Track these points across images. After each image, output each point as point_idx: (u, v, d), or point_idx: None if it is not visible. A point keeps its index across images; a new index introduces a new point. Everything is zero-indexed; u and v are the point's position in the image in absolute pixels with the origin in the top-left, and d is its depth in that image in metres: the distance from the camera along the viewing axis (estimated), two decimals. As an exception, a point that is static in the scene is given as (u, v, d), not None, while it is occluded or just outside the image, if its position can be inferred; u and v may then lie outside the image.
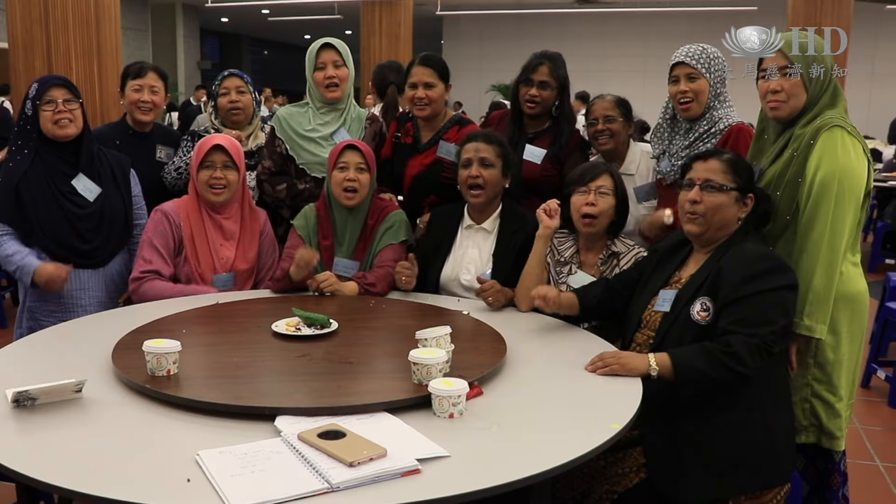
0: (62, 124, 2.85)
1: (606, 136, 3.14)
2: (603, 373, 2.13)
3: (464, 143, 2.98)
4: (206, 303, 2.72)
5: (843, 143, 2.32)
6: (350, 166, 2.96)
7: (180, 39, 19.10)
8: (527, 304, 2.71)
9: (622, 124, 3.15)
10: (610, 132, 3.14)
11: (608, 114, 3.14)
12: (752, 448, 2.17)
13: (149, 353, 1.97)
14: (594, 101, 3.22)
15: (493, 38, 18.46)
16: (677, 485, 2.13)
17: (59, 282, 2.81)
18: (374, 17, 12.35)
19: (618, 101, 3.19)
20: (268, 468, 1.56)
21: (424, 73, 3.21)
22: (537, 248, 2.75)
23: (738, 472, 2.16)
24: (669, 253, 2.47)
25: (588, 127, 3.22)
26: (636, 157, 3.20)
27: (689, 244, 2.43)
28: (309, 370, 2.10)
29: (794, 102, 2.42)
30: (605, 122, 3.14)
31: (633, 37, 17.62)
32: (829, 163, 2.30)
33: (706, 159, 2.36)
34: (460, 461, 1.63)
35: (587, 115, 3.24)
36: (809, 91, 2.40)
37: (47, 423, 1.77)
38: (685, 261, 2.43)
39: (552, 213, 2.74)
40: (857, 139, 2.36)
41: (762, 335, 2.10)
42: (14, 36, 4.89)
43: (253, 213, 3.08)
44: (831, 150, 2.31)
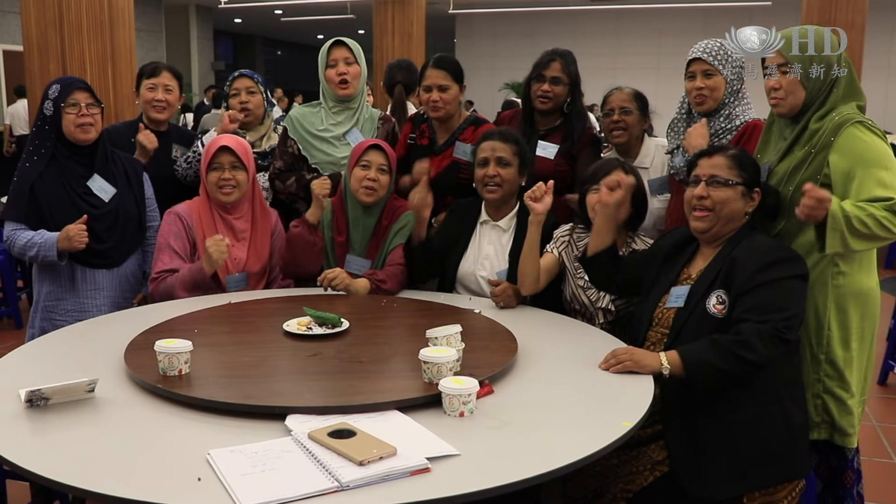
0: (85, 129, 2.88)
1: (621, 128, 3.15)
2: (616, 370, 2.12)
3: (480, 141, 2.98)
4: (218, 303, 2.73)
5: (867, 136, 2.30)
6: (372, 166, 2.97)
7: (194, 40, 19.17)
8: (526, 289, 2.74)
9: (637, 117, 3.16)
10: (625, 124, 3.15)
11: (625, 105, 3.15)
12: (772, 442, 2.16)
13: (161, 353, 1.98)
14: (611, 93, 3.22)
15: (506, 37, 18.42)
16: (700, 481, 2.12)
17: (82, 234, 2.80)
18: (387, 16, 12.35)
19: (635, 94, 3.20)
20: (278, 467, 1.56)
21: (438, 75, 3.22)
22: (531, 234, 2.73)
23: (759, 466, 2.14)
24: (675, 251, 2.46)
25: (604, 118, 3.22)
26: (650, 151, 3.21)
27: (695, 241, 2.42)
28: (320, 369, 2.10)
29: (792, 100, 2.42)
30: (622, 113, 3.14)
31: (647, 34, 17.54)
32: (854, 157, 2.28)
33: (711, 156, 2.36)
34: (470, 460, 1.62)
35: (603, 105, 3.24)
36: (808, 88, 2.39)
37: (60, 423, 1.78)
38: (692, 258, 2.42)
39: (538, 197, 2.70)
40: (879, 135, 2.34)
41: (774, 322, 2.09)
42: (29, 38, 4.92)
43: (264, 212, 3.09)
44: (857, 145, 2.29)
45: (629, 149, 3.20)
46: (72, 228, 2.80)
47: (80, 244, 2.81)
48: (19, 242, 2.86)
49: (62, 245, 2.81)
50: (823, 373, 2.40)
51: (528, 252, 2.73)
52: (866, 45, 8.09)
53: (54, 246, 2.81)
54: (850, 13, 7.80)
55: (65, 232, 2.80)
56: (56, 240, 2.81)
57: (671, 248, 2.47)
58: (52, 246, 2.81)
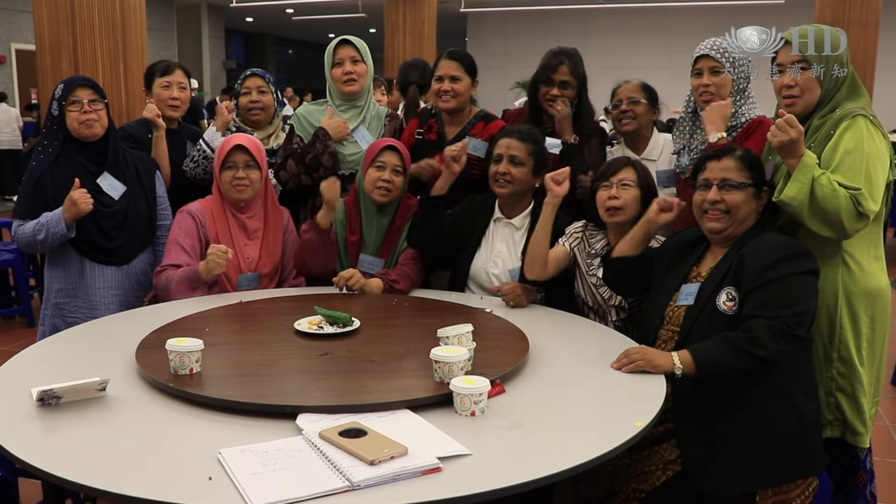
0: (89, 124, 2.88)
1: (629, 117, 3.18)
2: (629, 370, 2.11)
3: (498, 137, 2.97)
4: (229, 302, 2.73)
5: (867, 131, 2.30)
6: (387, 167, 2.98)
7: (205, 39, 19.24)
8: (533, 272, 2.74)
9: (646, 107, 3.20)
10: (633, 114, 3.18)
11: (632, 96, 3.18)
12: (785, 438, 2.15)
13: (172, 352, 1.98)
14: (620, 84, 3.25)
15: (517, 35, 18.39)
16: (713, 478, 2.11)
17: (85, 196, 2.80)
18: (398, 15, 12.36)
19: (643, 85, 3.23)
20: (289, 466, 1.56)
21: (451, 66, 3.22)
22: (545, 216, 2.73)
23: (772, 463, 2.13)
24: (685, 250, 2.45)
25: (612, 109, 3.25)
26: (659, 144, 3.23)
27: (705, 241, 2.42)
28: (331, 368, 2.10)
29: (808, 97, 2.41)
30: (630, 103, 3.18)
31: (658, 33, 17.47)
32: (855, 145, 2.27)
33: (719, 158, 2.35)
34: (482, 459, 1.62)
35: (612, 97, 3.27)
36: (824, 87, 2.38)
37: (71, 422, 1.78)
38: (702, 257, 2.41)
39: (560, 181, 2.71)
40: (880, 129, 2.34)
41: (784, 317, 2.08)
42: (41, 38, 4.94)
43: (276, 210, 3.09)
44: (856, 137, 2.29)
45: (638, 141, 3.23)
46: (74, 193, 2.78)
47: (87, 206, 2.80)
48: (27, 231, 2.86)
49: (69, 214, 2.79)
50: (836, 371, 2.40)
51: (539, 234, 2.73)
52: (880, 43, 8.04)
53: (61, 218, 2.80)
54: (863, 11, 7.76)
55: (68, 200, 2.78)
56: (62, 212, 2.80)
57: (681, 247, 2.47)
58: (58, 219, 2.80)
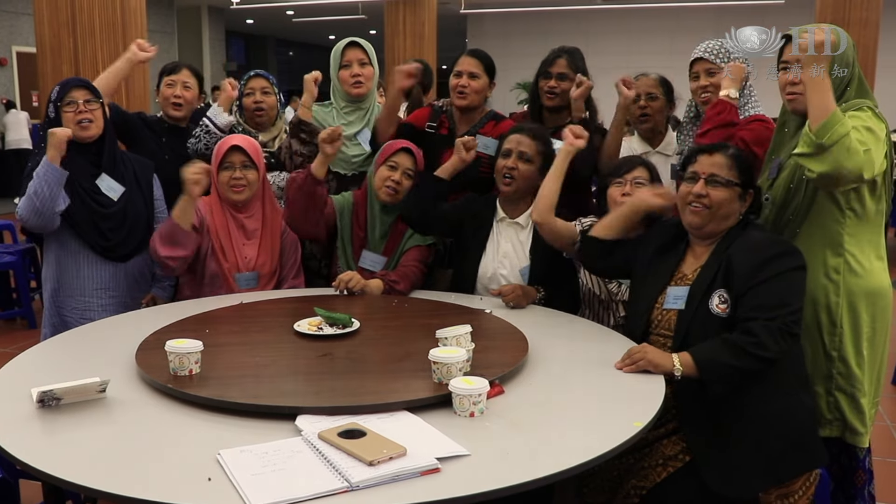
0: (84, 125, 2.88)
1: (647, 114, 3.18)
2: (630, 370, 2.12)
3: (509, 133, 2.98)
4: (229, 303, 2.74)
5: (872, 116, 2.29)
6: (399, 168, 3.00)
7: (206, 41, 19.23)
8: (538, 212, 2.74)
9: (663, 103, 3.20)
10: (651, 110, 3.18)
11: (651, 91, 3.18)
12: (799, 432, 2.16)
13: (171, 353, 1.98)
14: (637, 78, 3.23)
15: (517, 36, 18.36)
16: (736, 482, 2.10)
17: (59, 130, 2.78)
18: (399, 16, 12.36)
19: (661, 80, 3.22)
20: (288, 467, 1.56)
21: (471, 63, 3.25)
22: (558, 163, 2.76)
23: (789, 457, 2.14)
24: (665, 247, 2.43)
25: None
26: (673, 139, 3.24)
27: (685, 238, 2.41)
28: (330, 369, 2.11)
29: None
30: (647, 99, 3.17)
31: (660, 33, 17.44)
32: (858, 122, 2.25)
33: (711, 153, 2.34)
34: (481, 460, 1.62)
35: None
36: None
37: (71, 423, 1.79)
38: (683, 255, 2.39)
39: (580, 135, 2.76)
40: (883, 122, 2.33)
41: (781, 317, 2.09)
42: (42, 41, 4.94)
43: (274, 211, 3.10)
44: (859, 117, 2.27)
45: (653, 136, 3.24)
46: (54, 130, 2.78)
47: (64, 133, 2.78)
48: (23, 203, 2.81)
49: (52, 151, 2.77)
50: (836, 370, 2.40)
51: (551, 177, 2.75)
52: (881, 42, 8.03)
53: (48, 162, 2.77)
54: (864, 10, 7.75)
55: (50, 136, 2.77)
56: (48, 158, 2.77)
57: (661, 245, 2.44)
58: (46, 164, 2.77)
